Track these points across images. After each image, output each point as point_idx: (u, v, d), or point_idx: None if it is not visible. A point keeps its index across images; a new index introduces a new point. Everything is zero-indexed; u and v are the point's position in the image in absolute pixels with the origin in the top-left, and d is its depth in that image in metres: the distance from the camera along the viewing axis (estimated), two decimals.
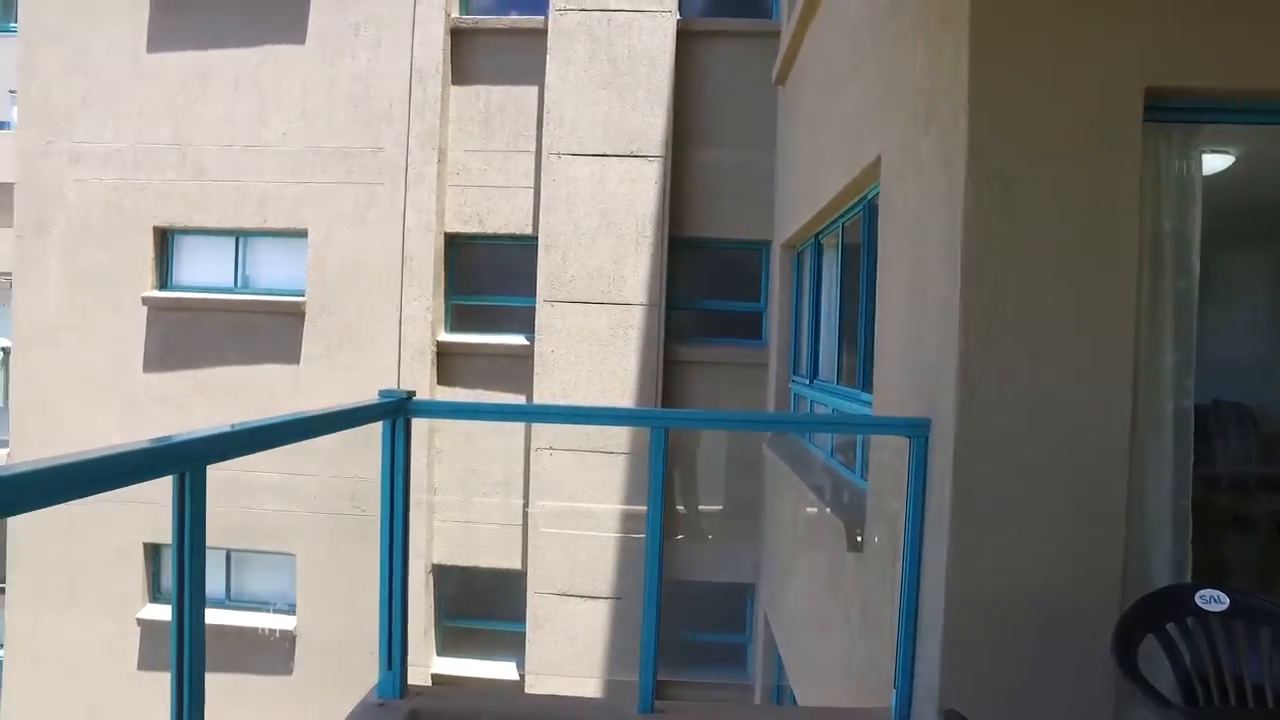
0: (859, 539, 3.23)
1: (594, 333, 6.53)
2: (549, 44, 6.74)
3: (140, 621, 7.29)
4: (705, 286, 7.02)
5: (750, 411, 6.10)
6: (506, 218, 6.83)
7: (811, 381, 5.17)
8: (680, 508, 6.64)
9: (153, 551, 7.32)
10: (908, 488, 2.44)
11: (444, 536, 6.95)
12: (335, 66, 6.97)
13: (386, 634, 2.66)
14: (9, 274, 7.39)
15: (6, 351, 7.32)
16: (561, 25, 6.72)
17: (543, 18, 6.87)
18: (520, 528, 6.83)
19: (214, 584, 7.46)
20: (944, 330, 2.28)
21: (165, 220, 7.08)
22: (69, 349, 7.16)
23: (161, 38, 7.13)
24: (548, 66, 6.72)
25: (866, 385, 3.69)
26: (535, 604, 6.67)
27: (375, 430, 2.59)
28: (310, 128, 6.99)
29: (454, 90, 6.98)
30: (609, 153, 6.59)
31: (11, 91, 7.37)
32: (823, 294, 5.08)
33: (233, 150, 7.05)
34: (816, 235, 5.07)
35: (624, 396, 6.51)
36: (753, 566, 6.55)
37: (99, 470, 1.34)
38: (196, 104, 7.10)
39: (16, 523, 7.29)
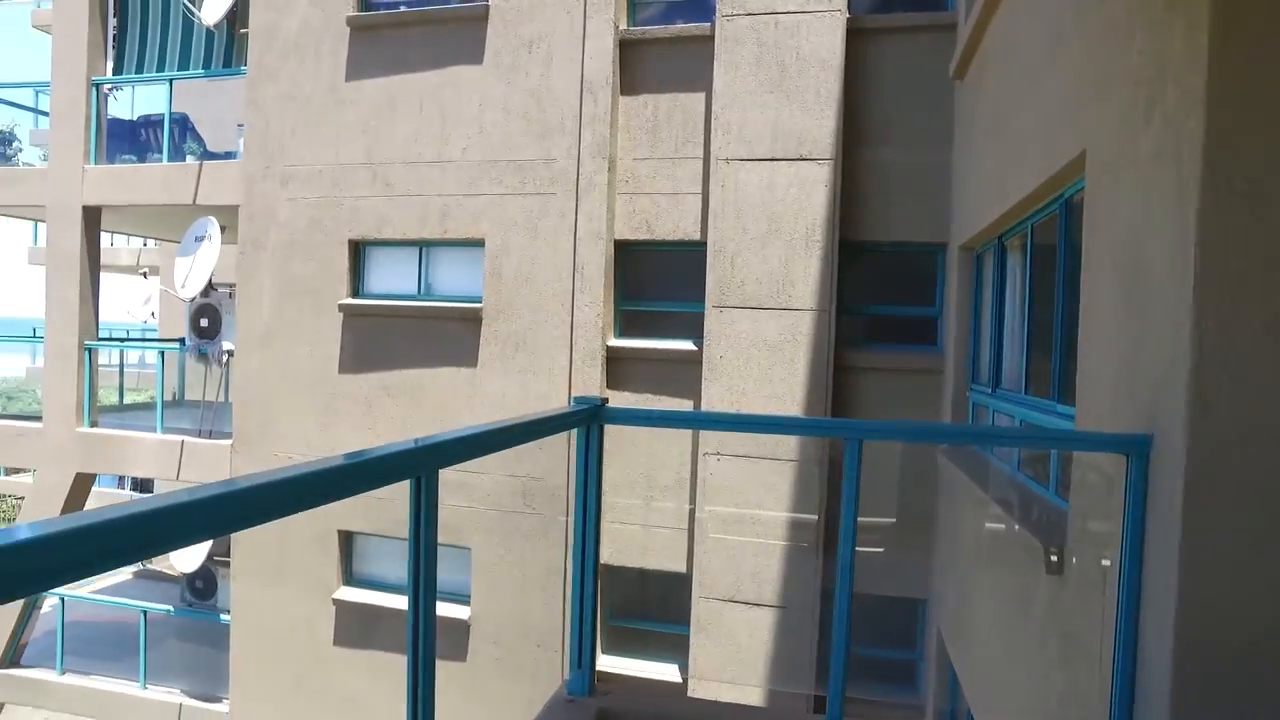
0: (1057, 561, 3.02)
1: (763, 338, 6.49)
2: (716, 50, 6.77)
3: (335, 601, 7.93)
4: (876, 291, 6.82)
5: (950, 424, 5.76)
6: (675, 224, 6.92)
7: (994, 390, 4.89)
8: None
9: (346, 539, 7.96)
10: (1124, 510, 2.25)
11: (611, 537, 7.11)
12: (510, 83, 7.31)
13: (577, 634, 2.75)
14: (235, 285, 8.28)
15: (230, 353, 8.20)
16: (728, 31, 6.73)
17: (709, 24, 6.91)
18: (686, 531, 6.89)
19: (399, 572, 8.01)
20: (1172, 340, 2.09)
21: (358, 233, 7.69)
22: (279, 351, 7.93)
23: (357, 68, 7.75)
24: (715, 73, 6.75)
25: (1064, 396, 3.45)
26: (700, 608, 6.70)
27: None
28: (487, 142, 7.37)
29: (623, 100, 7.15)
30: (777, 157, 6.53)
31: (239, 125, 8.24)
32: (1007, 298, 4.80)
33: (417, 166, 7.56)
34: (1000, 236, 4.80)
35: (792, 403, 6.43)
36: (924, 581, 6.28)
37: (347, 476, 1.46)
38: (386, 125, 7.67)
39: None
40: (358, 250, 7.79)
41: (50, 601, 9.62)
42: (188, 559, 8.50)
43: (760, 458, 6.56)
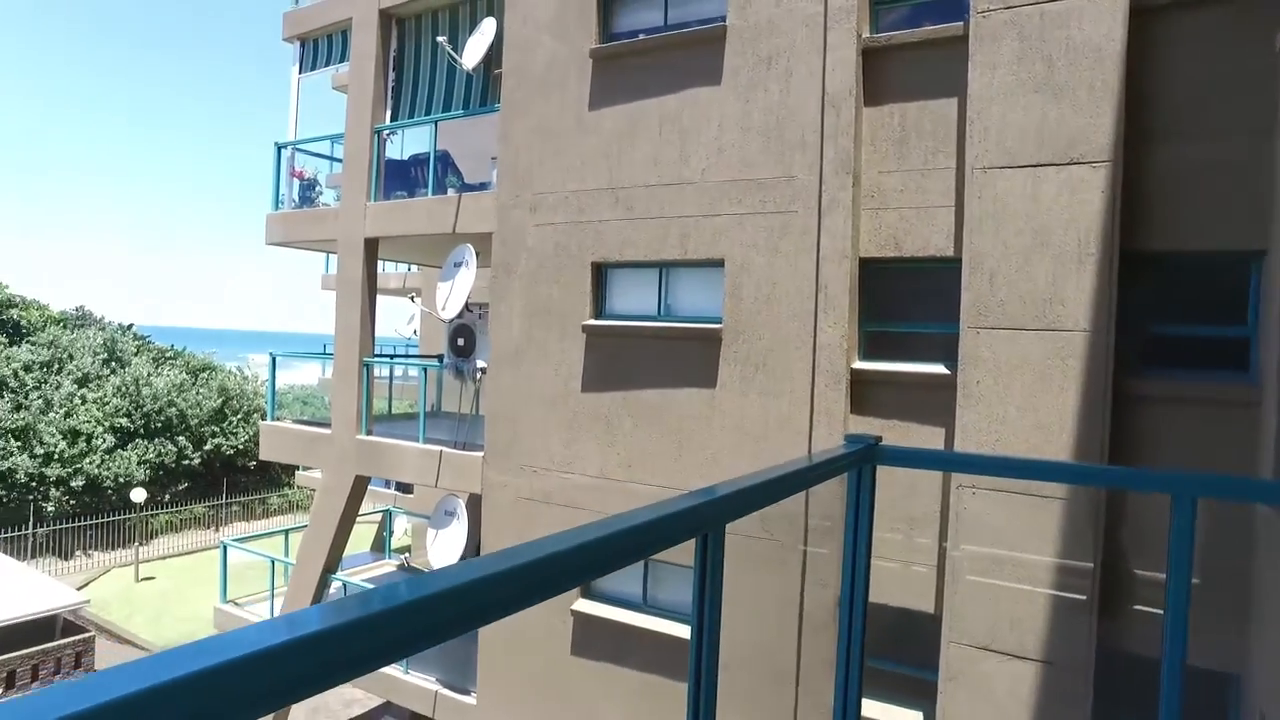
0: None
1: (1027, 362, 5.87)
2: (970, 51, 6.26)
3: (573, 613, 8.21)
4: (1167, 308, 5.94)
5: None
6: (925, 240, 6.48)
7: None
8: (1134, 571, 5.66)
9: None
10: None
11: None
12: (749, 102, 7.24)
13: (843, 680, 2.56)
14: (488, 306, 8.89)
15: (483, 370, 8.81)
16: (985, 28, 6.20)
17: (961, 24, 6.42)
18: (936, 569, 6.38)
19: (633, 588, 8.15)
20: None
21: (601, 255, 7.95)
22: (527, 370, 8.39)
23: (599, 97, 8.05)
24: (969, 75, 6.25)
25: None
26: (951, 654, 6.17)
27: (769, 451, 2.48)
28: (726, 162, 7.34)
29: (866, 112, 6.83)
30: (1043, 162, 5.90)
31: (493, 158, 8.89)
32: None
33: (657, 189, 7.68)
34: None
35: (1062, 434, 5.74)
36: (1239, 654, 5.32)
37: (634, 541, 1.36)
38: (627, 150, 7.88)
39: (489, 515, 8.70)
40: (600, 272, 8.06)
41: (335, 586, 10.84)
42: (444, 560, 9.19)
43: (1021, 494, 5.92)
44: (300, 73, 11.21)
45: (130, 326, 38.87)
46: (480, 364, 8.83)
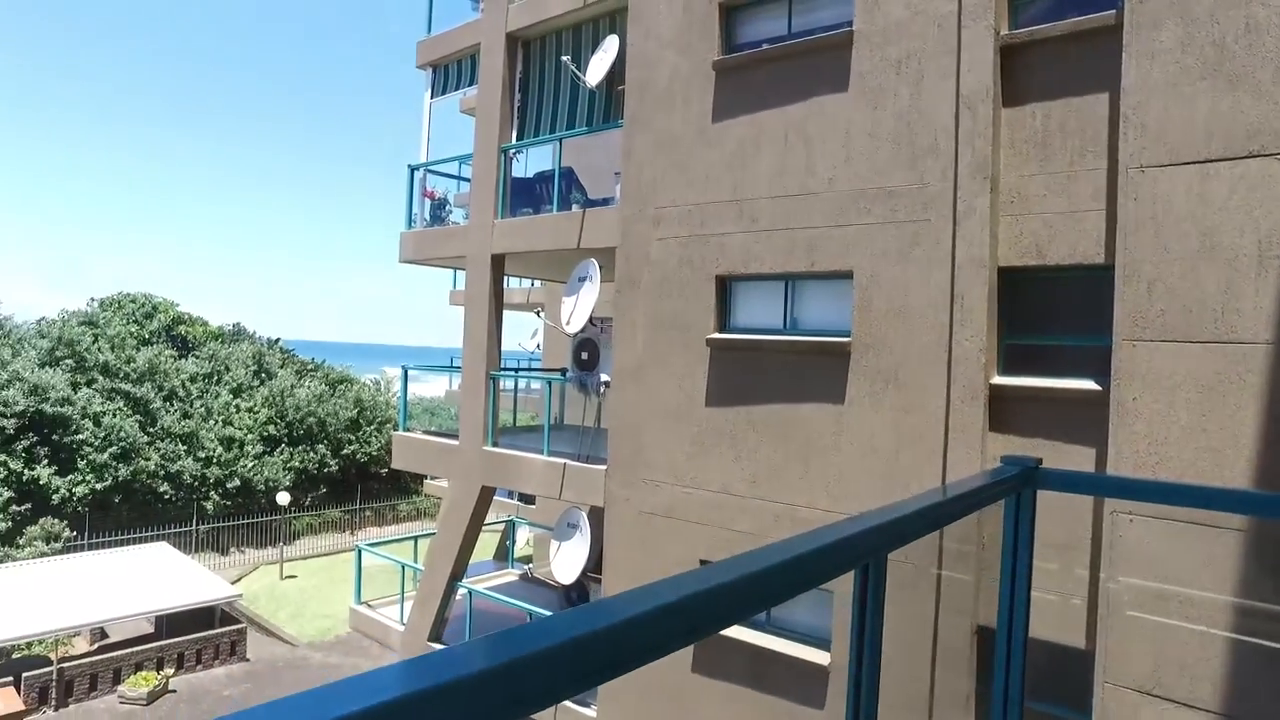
0: None
1: (1193, 378, 5.36)
2: (1125, 40, 5.81)
3: None
4: None
5: None
6: (1071, 246, 6.04)
7: None
8: None
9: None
10: None
11: (992, 595, 6.36)
12: (878, 108, 7.00)
13: (1000, 715, 2.38)
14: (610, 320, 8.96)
15: (607, 384, 8.87)
16: (1143, 15, 5.73)
17: (1113, 11, 5.98)
18: (1086, 601, 5.91)
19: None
20: None
21: (725, 269, 7.86)
22: (650, 383, 8.38)
23: (723, 109, 7.98)
24: (1124, 66, 5.79)
25: None
26: (1107, 696, 5.67)
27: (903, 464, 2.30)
28: (854, 171, 7.12)
29: (1005, 113, 6.47)
30: (1214, 157, 5.39)
31: (616, 174, 8.97)
32: None
33: (782, 200, 7.53)
34: None
35: (1238, 458, 5.20)
36: None
37: (792, 575, 1.26)
38: (751, 162, 7.77)
39: (611, 528, 8.72)
40: (724, 285, 7.97)
41: (461, 593, 11.15)
42: (567, 572, 9.30)
43: (1188, 523, 5.39)
44: (432, 97, 11.70)
45: (277, 341, 41.70)
46: (604, 377, 8.89)
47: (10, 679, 17.69)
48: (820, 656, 7.29)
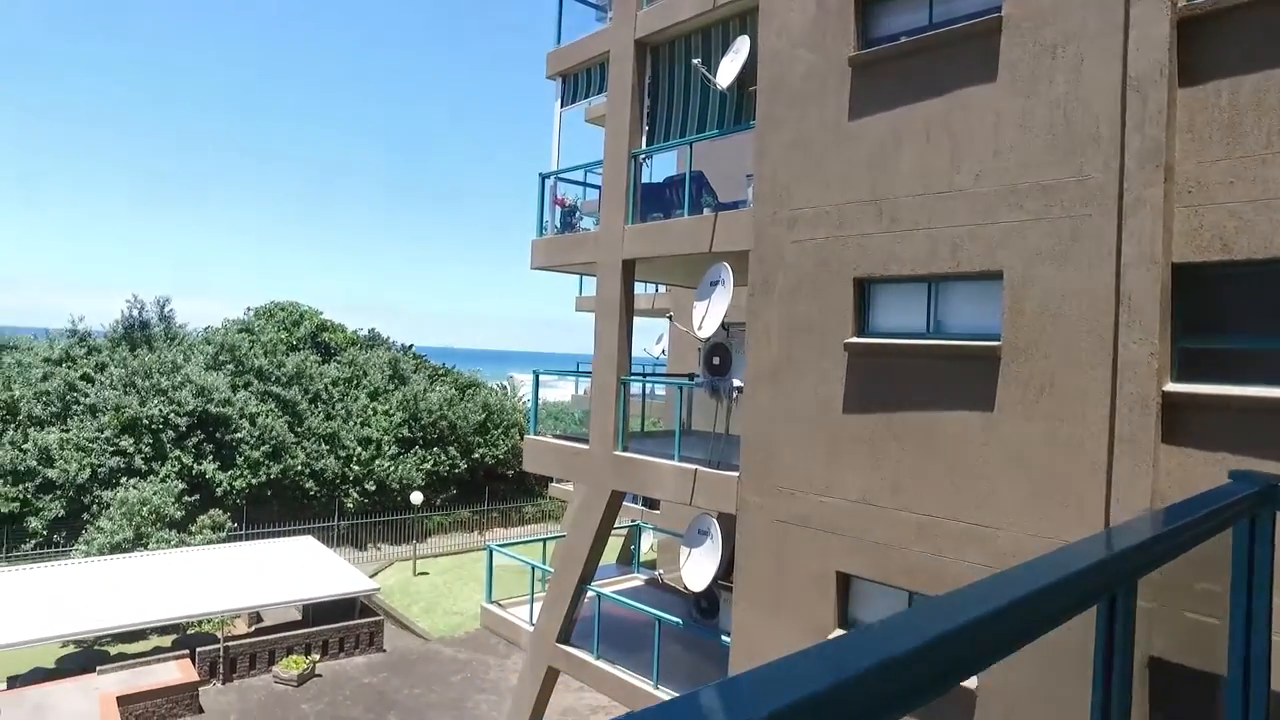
0: None
1: None
2: None
3: None
4: None
5: None
6: (1265, 239, 5.46)
7: None
8: None
9: (844, 581, 7.84)
10: None
11: (1165, 625, 5.83)
12: (1030, 97, 6.58)
13: None
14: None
15: (739, 389, 8.75)
16: None
17: None
18: None
19: None
20: None
21: (864, 271, 7.59)
22: (784, 389, 8.20)
23: (860, 106, 7.73)
24: None
25: None
26: None
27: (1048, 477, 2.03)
28: (1003, 166, 6.72)
29: (1181, 94, 5.93)
30: None
31: (748, 176, 8.85)
32: None
33: (925, 199, 7.21)
34: None
35: None
36: None
37: (1024, 615, 1.06)
38: (891, 160, 7.48)
39: (743, 536, 8.58)
40: (863, 288, 7.71)
41: (589, 596, 11.27)
42: (697, 579, 9.22)
43: None
44: (562, 106, 11.93)
45: (410, 347, 43.72)
46: (736, 383, 8.77)
47: (186, 652, 19.27)
48: (969, 680, 6.89)
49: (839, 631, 7.80)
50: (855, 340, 7.61)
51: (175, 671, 18.31)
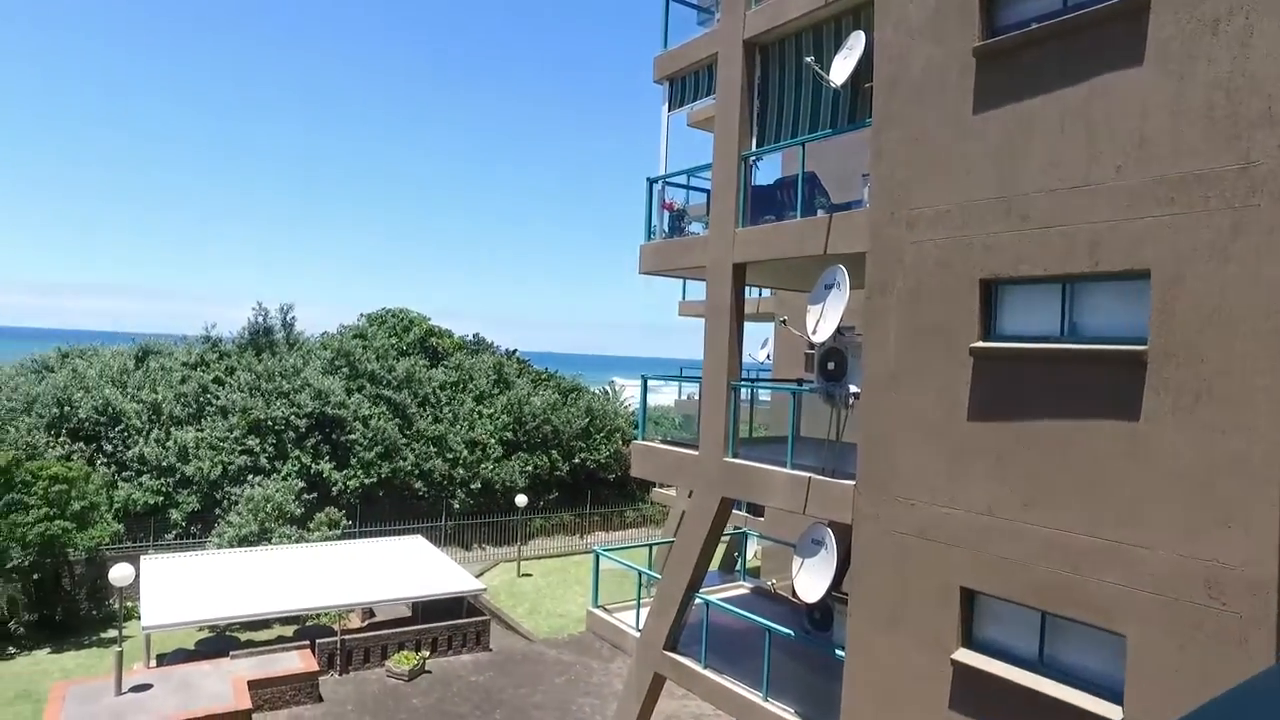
0: None
1: None
2: None
3: (954, 663, 7.45)
4: None
5: None
6: None
7: None
8: None
9: (969, 597, 7.44)
10: None
11: None
12: (1184, 78, 6.08)
13: None
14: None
15: (856, 395, 8.46)
16: None
17: None
18: None
19: (1027, 642, 7.20)
20: None
21: (990, 271, 7.20)
22: (904, 395, 7.87)
23: (985, 98, 7.34)
24: None
25: None
26: None
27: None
28: (1150, 155, 6.24)
29: None
30: None
31: (863, 175, 8.56)
32: None
33: (1059, 194, 6.78)
34: None
35: None
36: None
37: None
38: (1020, 154, 7.07)
39: (860, 547, 8.29)
40: (989, 290, 7.31)
41: (697, 604, 11.14)
42: (811, 590, 8.96)
43: None
44: (669, 110, 11.89)
45: (514, 352, 44.69)
46: (852, 389, 8.48)
47: (307, 643, 20.21)
48: (1110, 710, 6.41)
49: (963, 651, 7.40)
50: (981, 345, 7.22)
51: (297, 661, 19.20)
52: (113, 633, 21.02)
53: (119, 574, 17.21)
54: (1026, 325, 7.16)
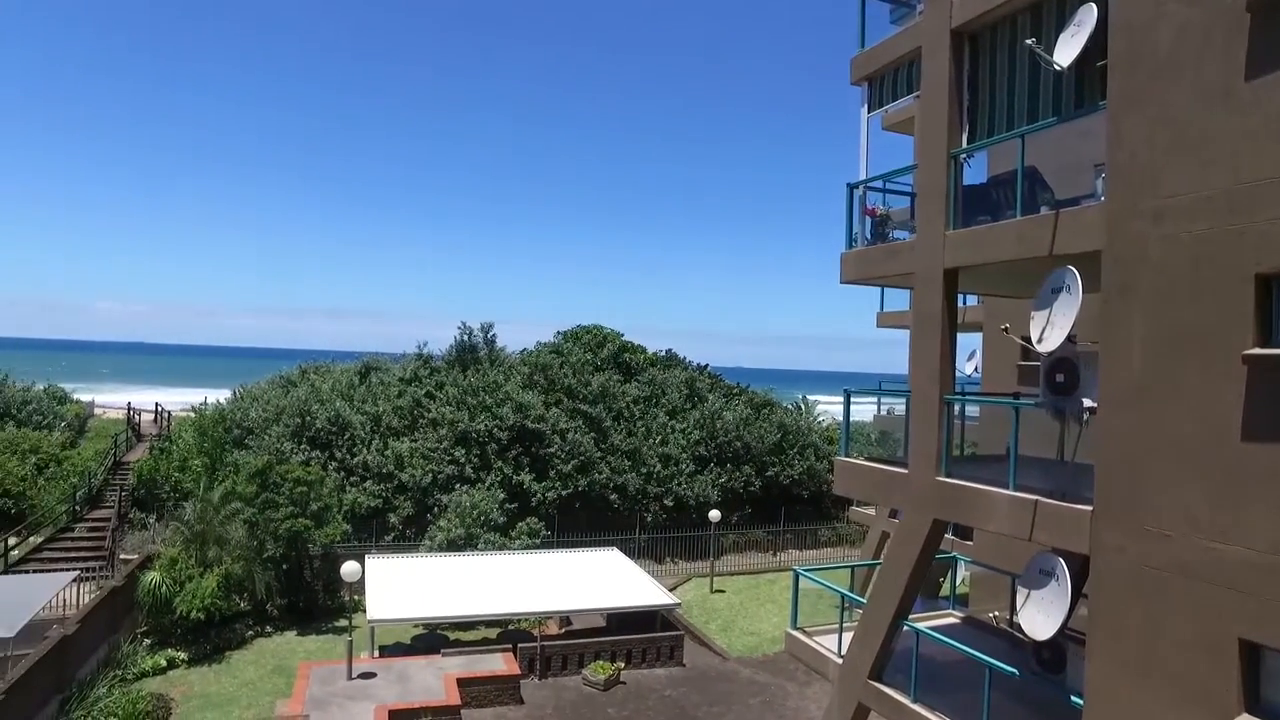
0: None
1: None
2: None
3: None
4: None
5: None
6: None
7: None
8: None
9: (1251, 651, 6.32)
10: None
11: None
12: None
13: None
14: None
15: (1091, 410, 7.52)
16: None
17: None
18: None
19: None
20: None
21: (1270, 265, 6.13)
22: (1153, 410, 6.89)
23: (1263, 60, 6.28)
24: None
25: None
26: None
27: None
28: None
29: None
30: None
31: (1096, 166, 7.64)
32: None
33: None
34: None
35: None
36: None
37: None
38: None
39: (1101, 582, 7.35)
40: (1268, 287, 6.24)
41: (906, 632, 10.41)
42: (1040, 627, 8.05)
43: None
44: (869, 112, 11.33)
45: (706, 367, 44.79)
46: (1087, 403, 7.56)
47: (509, 646, 21.16)
48: None
49: (1246, 717, 6.28)
50: (1259, 352, 6.15)
51: (501, 663, 20.09)
52: (343, 621, 23.09)
53: (349, 570, 19.19)
54: None
